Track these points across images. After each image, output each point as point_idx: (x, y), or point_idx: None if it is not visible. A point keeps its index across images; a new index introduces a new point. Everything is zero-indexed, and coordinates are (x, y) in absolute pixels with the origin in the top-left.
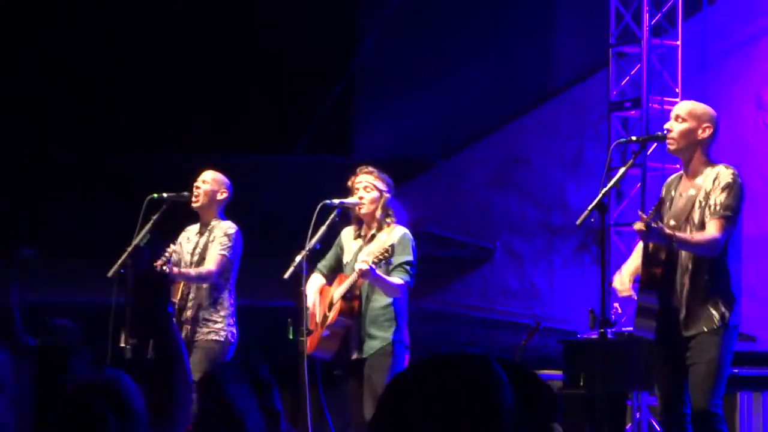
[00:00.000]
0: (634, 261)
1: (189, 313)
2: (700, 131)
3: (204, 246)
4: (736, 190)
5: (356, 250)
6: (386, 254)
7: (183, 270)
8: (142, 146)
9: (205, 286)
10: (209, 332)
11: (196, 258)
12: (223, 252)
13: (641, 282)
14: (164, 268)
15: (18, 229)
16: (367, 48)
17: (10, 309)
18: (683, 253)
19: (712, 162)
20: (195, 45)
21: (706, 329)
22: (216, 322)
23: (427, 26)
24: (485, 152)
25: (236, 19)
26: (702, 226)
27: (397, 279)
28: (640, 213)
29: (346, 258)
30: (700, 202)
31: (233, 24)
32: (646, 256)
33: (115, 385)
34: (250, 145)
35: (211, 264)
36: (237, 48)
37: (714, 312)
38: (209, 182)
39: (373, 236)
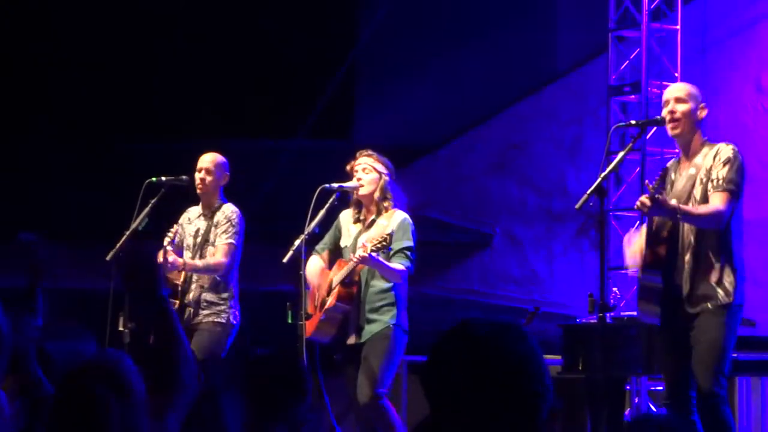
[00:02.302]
0: (642, 237)
1: (191, 295)
2: (699, 111)
3: (207, 229)
4: (737, 165)
5: (355, 234)
6: (384, 243)
7: (189, 262)
8: (142, 132)
9: None
10: (211, 314)
11: (199, 240)
12: (231, 240)
13: (644, 261)
14: (168, 248)
15: (17, 215)
16: (368, 34)
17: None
18: (686, 230)
19: (709, 141)
20: (196, 31)
21: (710, 306)
22: (218, 304)
23: (428, 12)
24: (485, 138)
25: (237, 5)
26: (705, 201)
27: (397, 264)
28: (647, 183)
29: (345, 242)
30: (701, 179)
31: (235, 10)
32: (649, 235)
33: (115, 366)
34: (251, 131)
35: (220, 255)
36: (238, 33)
37: (718, 288)
38: (213, 170)
39: (373, 221)
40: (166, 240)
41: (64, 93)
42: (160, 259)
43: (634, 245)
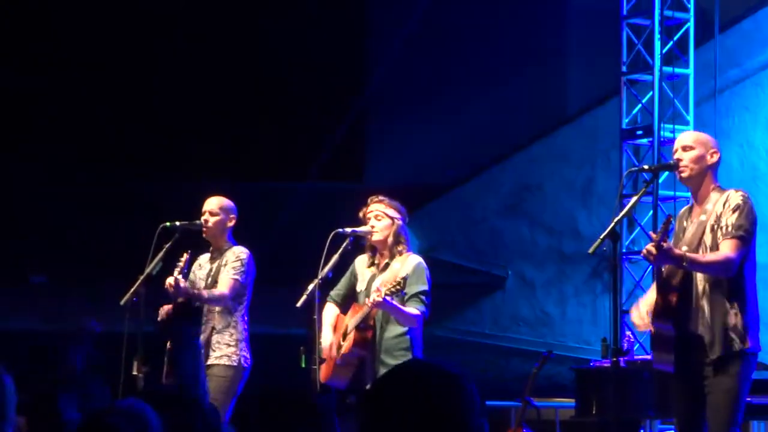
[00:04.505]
0: (651, 294)
1: (203, 336)
2: (708, 156)
3: (216, 270)
4: (746, 211)
5: (369, 278)
6: (398, 287)
7: (197, 291)
8: (154, 174)
9: (218, 309)
10: (222, 356)
11: (209, 282)
12: (236, 276)
13: (656, 310)
14: (178, 278)
15: (30, 257)
16: (379, 76)
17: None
18: (698, 278)
19: (720, 188)
20: (207, 73)
21: (726, 353)
22: (229, 345)
23: (439, 54)
24: (497, 180)
25: (249, 48)
26: (715, 248)
27: (412, 309)
28: (651, 233)
29: (360, 286)
30: (712, 225)
31: (246, 52)
32: (660, 283)
33: (139, 410)
34: (262, 173)
35: (223, 287)
36: (248, 76)
37: (734, 335)
38: (218, 213)
39: (387, 265)
40: (176, 270)
41: (73, 126)
42: (170, 286)
43: (642, 304)
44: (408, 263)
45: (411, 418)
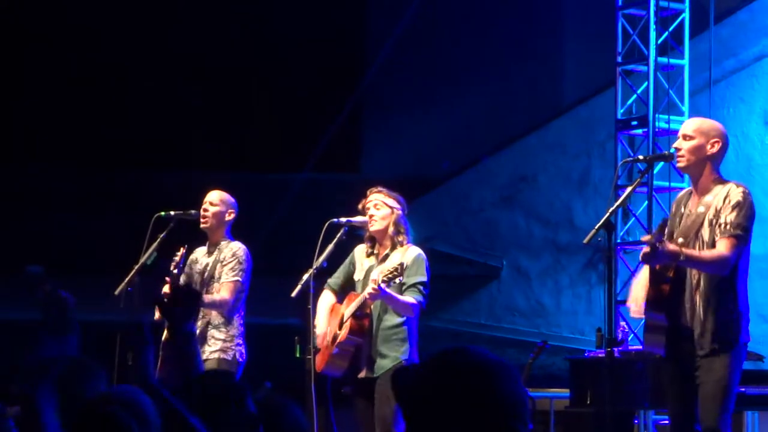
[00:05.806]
0: (644, 276)
1: (197, 330)
2: (708, 146)
3: (213, 265)
4: (746, 209)
5: (368, 268)
6: (395, 273)
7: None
8: (151, 164)
9: None
10: (217, 351)
11: (205, 276)
12: (237, 278)
13: (648, 301)
14: (174, 271)
15: (24, 246)
16: (376, 68)
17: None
18: (692, 270)
19: (722, 179)
20: (205, 64)
21: (717, 346)
22: (225, 340)
23: (435, 45)
24: (492, 171)
25: (246, 40)
26: (712, 244)
27: (409, 298)
28: (643, 238)
29: (358, 276)
30: (711, 220)
31: (243, 44)
32: (653, 274)
33: (135, 397)
34: (259, 164)
35: (225, 292)
36: (247, 67)
37: (725, 328)
38: (217, 204)
39: (387, 256)
40: (172, 264)
41: (71, 115)
42: (166, 288)
43: (636, 289)
44: (408, 254)
45: (463, 405)
